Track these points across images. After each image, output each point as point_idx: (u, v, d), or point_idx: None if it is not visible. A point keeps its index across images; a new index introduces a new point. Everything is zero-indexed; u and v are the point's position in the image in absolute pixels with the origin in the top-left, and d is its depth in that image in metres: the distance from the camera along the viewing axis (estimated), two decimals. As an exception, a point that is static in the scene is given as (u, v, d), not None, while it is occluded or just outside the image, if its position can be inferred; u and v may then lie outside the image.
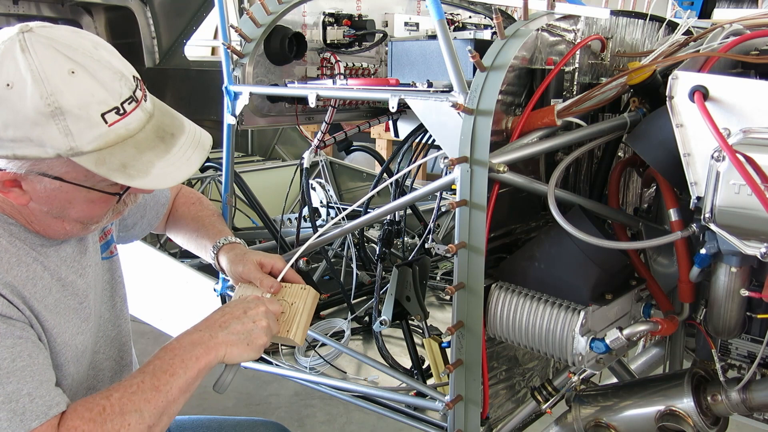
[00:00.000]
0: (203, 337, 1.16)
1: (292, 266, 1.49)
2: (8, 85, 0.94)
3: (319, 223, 2.72)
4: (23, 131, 0.95)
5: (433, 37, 1.71)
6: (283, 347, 2.00)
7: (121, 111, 1.00)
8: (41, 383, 1.00)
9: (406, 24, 2.25)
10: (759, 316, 1.33)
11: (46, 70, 0.95)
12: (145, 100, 1.07)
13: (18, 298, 1.04)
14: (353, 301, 2.22)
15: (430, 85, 1.57)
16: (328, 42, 2.09)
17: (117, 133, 1.00)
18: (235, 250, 1.52)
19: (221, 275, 1.97)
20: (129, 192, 1.13)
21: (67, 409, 1.01)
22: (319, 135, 2.07)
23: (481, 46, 1.46)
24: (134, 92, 1.04)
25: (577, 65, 1.57)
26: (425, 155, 1.98)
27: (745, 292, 1.23)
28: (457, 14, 2.32)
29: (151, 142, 1.05)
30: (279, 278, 1.46)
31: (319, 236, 1.64)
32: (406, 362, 1.81)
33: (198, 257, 1.81)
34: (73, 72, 0.96)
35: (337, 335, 2.08)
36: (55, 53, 0.96)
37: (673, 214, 1.33)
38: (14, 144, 0.96)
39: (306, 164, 2.08)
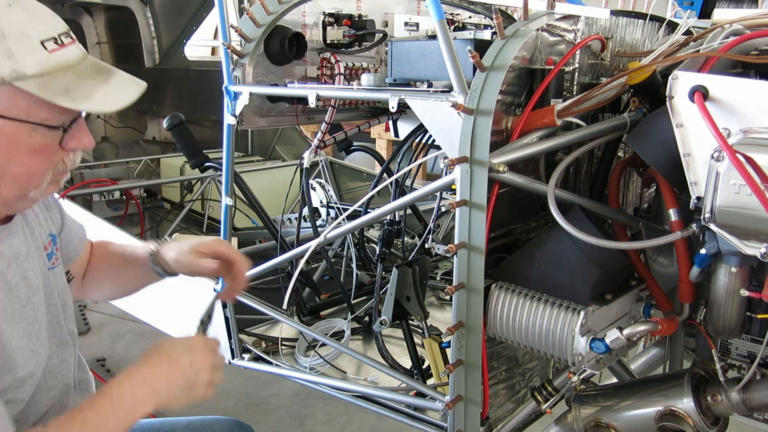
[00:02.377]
0: (146, 393, 1.10)
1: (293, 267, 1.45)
2: None
3: (319, 223, 2.72)
4: None
5: (433, 37, 1.71)
6: (283, 347, 2.00)
7: (59, 41, 1.03)
8: None
9: (406, 24, 2.25)
10: (759, 316, 1.33)
11: None
12: (79, 43, 1.09)
13: None
14: (353, 301, 2.22)
15: (430, 85, 1.57)
16: (328, 42, 2.09)
17: (57, 60, 1.02)
18: (171, 248, 1.44)
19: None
20: (69, 139, 1.09)
21: None
22: (319, 135, 2.07)
23: (481, 46, 1.46)
24: (69, 31, 1.07)
25: (577, 65, 1.57)
26: (425, 155, 1.98)
27: (745, 292, 1.23)
28: (457, 14, 2.32)
29: (91, 73, 1.07)
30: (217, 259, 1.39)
31: (321, 240, 1.63)
32: (406, 362, 1.81)
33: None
34: (9, 5, 0.99)
35: (337, 335, 2.08)
36: None
37: (673, 214, 1.33)
38: None
39: (306, 164, 2.09)
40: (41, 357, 1.18)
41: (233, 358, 2.04)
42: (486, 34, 1.66)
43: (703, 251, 1.24)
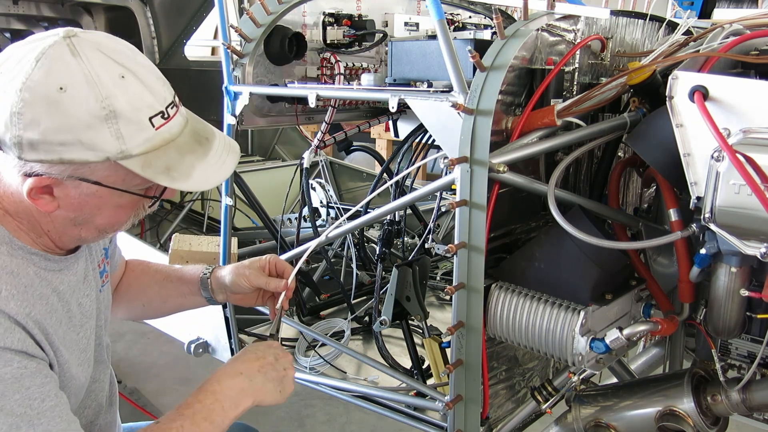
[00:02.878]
0: (244, 384, 1.16)
1: (292, 265, 1.45)
2: (61, 88, 0.92)
3: (319, 223, 2.72)
4: (75, 134, 0.94)
5: (433, 37, 1.71)
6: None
7: (166, 115, 1.02)
8: (69, 424, 0.99)
9: (406, 24, 2.25)
10: (759, 316, 1.33)
11: (100, 74, 0.94)
12: (181, 105, 1.09)
13: (42, 334, 1.02)
14: (353, 301, 2.22)
15: (430, 85, 1.57)
16: (328, 42, 2.09)
17: (162, 137, 1.01)
18: (226, 269, 1.45)
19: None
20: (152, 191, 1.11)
21: None
22: (319, 135, 2.07)
23: (481, 46, 1.46)
24: (174, 97, 1.06)
25: (577, 65, 1.57)
26: (425, 155, 1.98)
27: (745, 292, 1.23)
28: (457, 14, 2.32)
29: (191, 145, 1.07)
30: (290, 279, 1.39)
31: (321, 240, 1.62)
32: (406, 362, 1.81)
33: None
34: (123, 77, 0.97)
35: (337, 335, 2.08)
36: (105, 58, 0.96)
37: (673, 214, 1.33)
38: (63, 148, 0.94)
39: (306, 164, 2.09)
40: (86, 381, 1.20)
41: (233, 358, 2.04)
42: (486, 34, 1.66)
43: (703, 251, 1.24)
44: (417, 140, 1.93)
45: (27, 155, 0.94)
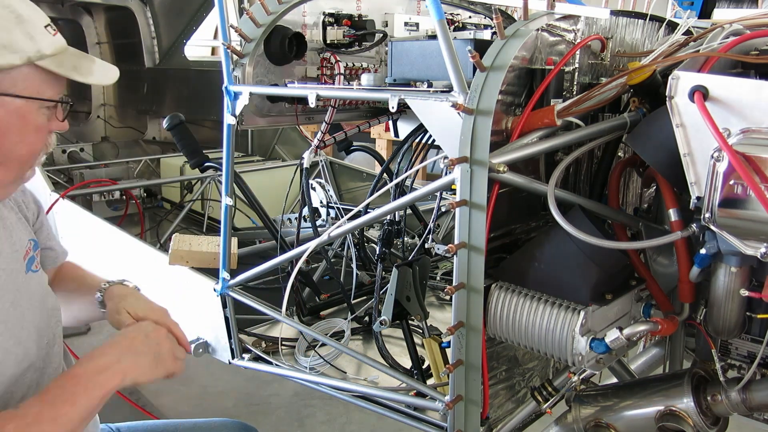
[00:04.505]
0: (109, 362, 1.17)
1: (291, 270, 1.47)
2: None
3: (319, 223, 2.72)
4: None
5: (433, 37, 1.71)
6: (282, 347, 2.00)
7: (53, 28, 1.17)
8: None
9: (406, 24, 2.25)
10: (759, 316, 1.33)
11: None
12: None
13: None
14: (353, 301, 2.22)
15: (430, 85, 1.57)
16: (328, 42, 2.09)
17: (60, 43, 1.17)
18: (115, 294, 1.44)
19: (221, 275, 1.97)
20: (54, 121, 1.20)
21: None
22: (319, 135, 2.07)
23: (481, 46, 1.46)
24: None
25: (577, 65, 1.57)
26: (425, 155, 1.98)
27: (745, 292, 1.24)
28: (457, 14, 2.32)
29: (81, 55, 1.22)
30: None
31: (324, 239, 1.63)
32: (406, 362, 1.81)
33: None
34: None
35: (337, 335, 2.08)
36: None
37: (673, 214, 1.33)
38: None
39: (306, 164, 2.09)
40: (18, 357, 1.20)
41: (233, 358, 2.04)
42: (486, 34, 1.66)
43: (703, 251, 1.24)
44: (417, 140, 1.93)
45: None
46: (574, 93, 1.57)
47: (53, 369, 1.34)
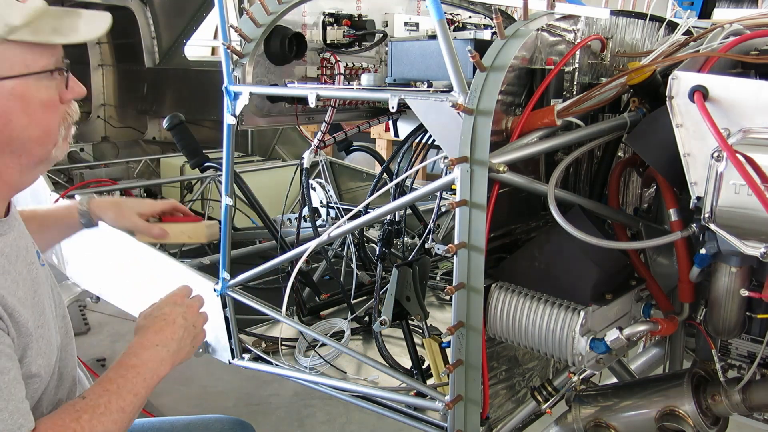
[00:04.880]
0: (163, 354, 1.24)
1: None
2: None
3: (319, 223, 2.72)
4: None
5: (433, 37, 1.71)
6: (282, 347, 2.00)
7: None
8: (8, 401, 1.00)
9: (406, 24, 2.25)
10: (759, 316, 1.33)
11: None
12: None
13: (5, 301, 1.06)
14: (353, 301, 2.22)
15: (430, 85, 1.57)
16: (328, 42, 2.09)
17: (33, 7, 1.08)
18: (110, 208, 1.63)
19: (221, 275, 1.97)
20: (65, 92, 1.15)
21: (37, 426, 1.03)
22: (319, 135, 2.07)
23: (481, 46, 1.46)
24: None
25: (577, 65, 1.57)
26: (425, 155, 1.98)
27: (745, 292, 1.24)
28: (457, 14, 2.32)
29: (63, 14, 1.14)
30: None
31: (324, 239, 1.63)
32: (406, 362, 1.81)
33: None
34: None
35: (337, 335, 2.08)
36: None
37: (673, 214, 1.33)
38: None
39: (306, 164, 2.09)
40: (53, 348, 1.22)
41: (233, 358, 2.04)
42: (486, 34, 1.66)
43: (703, 251, 1.24)
44: (417, 140, 1.93)
45: None
46: (574, 93, 1.57)
47: (71, 357, 1.37)
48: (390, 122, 2.34)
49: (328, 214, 2.86)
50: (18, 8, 1.06)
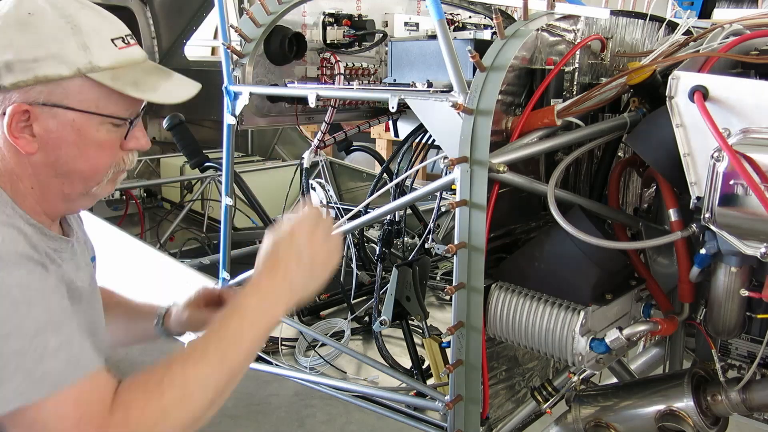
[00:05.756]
0: (271, 302, 1.12)
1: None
2: (30, 13, 1.04)
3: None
4: (45, 48, 1.02)
5: (433, 37, 1.71)
6: (282, 347, 2.00)
7: (126, 41, 1.12)
8: (84, 338, 1.00)
9: (406, 24, 2.25)
10: (759, 316, 1.33)
11: (62, 3, 1.06)
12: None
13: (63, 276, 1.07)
14: (353, 301, 2.22)
15: (430, 85, 1.57)
16: (328, 42, 2.09)
17: (126, 56, 1.11)
18: (174, 319, 1.46)
19: (221, 275, 1.97)
20: (129, 139, 1.14)
21: (122, 383, 0.99)
22: (319, 135, 2.07)
23: (481, 46, 1.46)
24: (131, 34, 1.15)
25: (577, 65, 1.57)
26: (425, 155, 1.98)
27: (745, 292, 1.23)
28: (457, 14, 2.32)
29: (155, 70, 1.17)
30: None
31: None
32: (406, 362, 1.81)
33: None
34: (81, 7, 1.08)
35: (337, 335, 2.08)
36: None
37: (673, 214, 1.33)
38: (36, 64, 1.02)
39: (306, 164, 2.09)
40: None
41: (233, 358, 2.04)
42: (486, 34, 1.67)
43: (703, 251, 1.24)
44: (417, 140, 1.93)
45: (4, 79, 1.02)
46: (574, 93, 1.57)
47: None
48: (390, 122, 2.34)
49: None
50: (110, 51, 1.08)
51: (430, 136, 1.88)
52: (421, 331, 1.72)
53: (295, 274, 1.15)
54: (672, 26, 1.74)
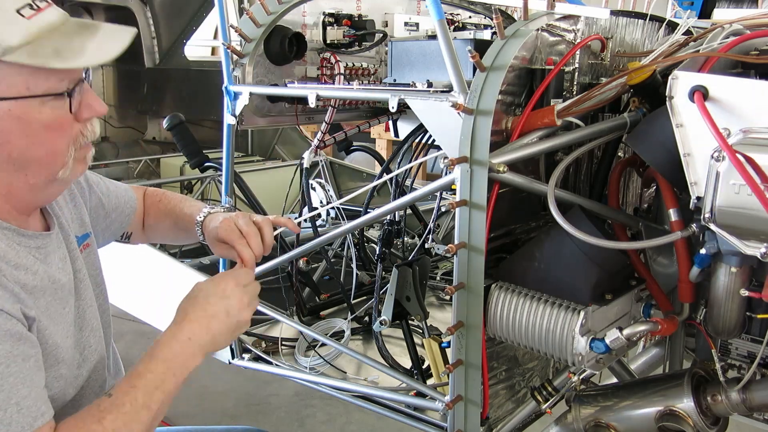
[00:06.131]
0: (194, 349, 1.15)
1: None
2: None
3: (319, 223, 2.72)
4: None
5: (433, 37, 1.71)
6: (283, 347, 2.00)
7: (35, 6, 1.00)
8: (31, 390, 0.98)
9: (406, 24, 2.25)
10: (759, 316, 1.32)
11: None
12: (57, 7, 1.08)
13: (19, 295, 1.03)
14: (353, 301, 2.22)
15: (430, 85, 1.57)
16: (328, 42, 2.09)
17: (38, 25, 1.00)
18: (211, 223, 1.46)
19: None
20: (81, 109, 1.08)
21: (58, 428, 1.00)
22: (319, 135, 2.06)
23: (481, 46, 1.46)
24: None
25: (577, 65, 1.57)
26: (425, 155, 1.98)
27: (745, 292, 1.23)
28: (457, 14, 2.32)
29: (77, 30, 1.05)
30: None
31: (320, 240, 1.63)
32: (406, 362, 1.81)
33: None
34: None
35: (337, 335, 2.08)
36: None
37: (673, 214, 1.33)
38: None
39: (306, 164, 2.09)
40: (76, 352, 1.20)
41: (233, 358, 2.04)
42: (486, 34, 1.67)
43: (703, 251, 1.24)
44: (417, 140, 1.93)
45: None
46: (574, 93, 1.57)
47: (113, 361, 1.37)
48: (390, 122, 2.34)
49: (328, 214, 2.86)
50: (19, 26, 0.97)
51: (430, 136, 1.88)
52: (421, 331, 1.72)
53: (220, 328, 1.18)
54: (672, 26, 1.74)
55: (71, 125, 1.08)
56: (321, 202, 2.90)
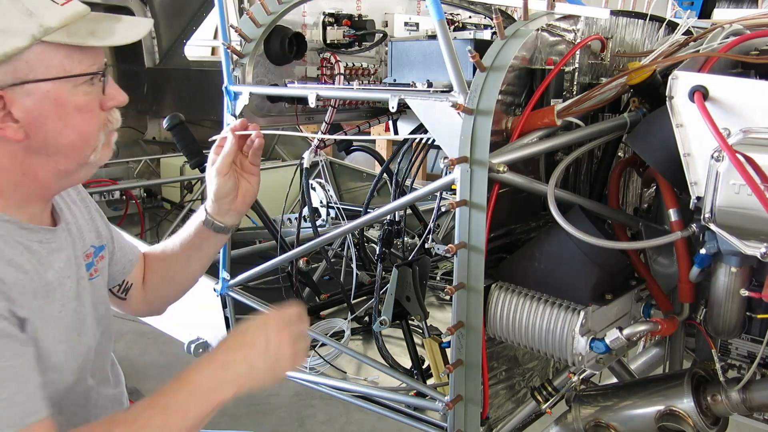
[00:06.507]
0: (225, 378, 1.10)
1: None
2: None
3: (319, 223, 2.72)
4: None
5: (433, 37, 1.71)
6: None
7: None
8: (22, 387, 0.97)
9: (406, 24, 2.25)
10: (759, 316, 1.33)
11: None
12: None
13: (8, 294, 1.03)
14: (353, 301, 2.22)
15: (430, 85, 1.57)
16: (328, 42, 2.09)
17: (71, 11, 1.07)
18: (209, 200, 1.49)
19: (221, 275, 1.97)
20: (106, 99, 1.13)
21: None
22: (318, 135, 2.06)
23: (481, 46, 1.46)
24: None
25: (577, 65, 1.57)
26: (425, 155, 1.98)
27: (745, 292, 1.23)
28: (457, 14, 2.32)
29: (103, 17, 1.13)
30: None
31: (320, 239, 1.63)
32: (406, 362, 1.81)
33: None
34: None
35: (337, 335, 2.08)
36: None
37: (673, 214, 1.33)
38: None
39: (306, 164, 2.08)
40: (72, 363, 1.18)
41: (233, 358, 2.04)
42: (486, 34, 1.66)
43: (703, 251, 1.24)
44: (417, 140, 1.93)
45: None
46: (574, 93, 1.57)
47: (105, 377, 1.34)
48: (390, 122, 2.34)
49: (328, 214, 2.86)
50: (55, 10, 1.04)
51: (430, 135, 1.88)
52: (421, 331, 1.72)
53: (257, 359, 1.14)
54: (672, 26, 1.74)
55: (99, 112, 1.13)
56: (321, 202, 2.90)
